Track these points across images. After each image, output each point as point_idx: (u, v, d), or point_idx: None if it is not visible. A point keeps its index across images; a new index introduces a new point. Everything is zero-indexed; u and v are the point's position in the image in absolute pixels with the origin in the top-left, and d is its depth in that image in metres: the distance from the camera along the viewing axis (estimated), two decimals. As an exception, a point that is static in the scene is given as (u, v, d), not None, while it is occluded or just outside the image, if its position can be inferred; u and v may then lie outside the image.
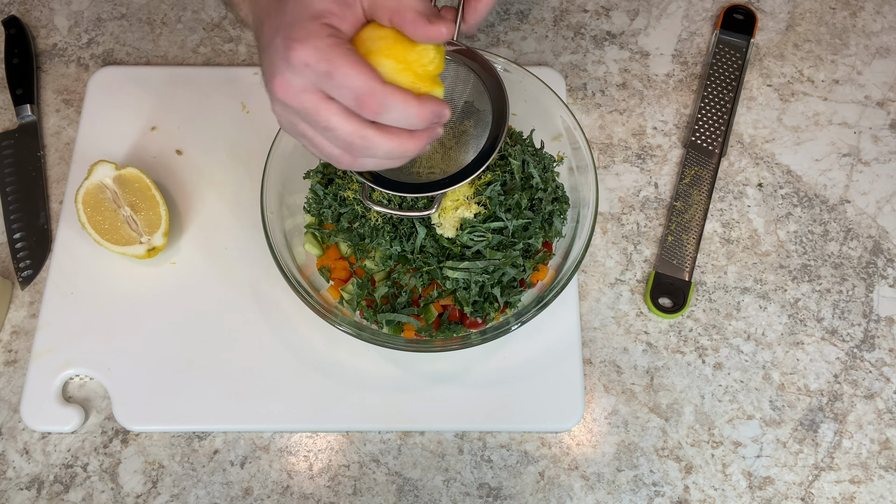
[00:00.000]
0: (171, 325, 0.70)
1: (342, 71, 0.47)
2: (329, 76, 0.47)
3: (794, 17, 0.86)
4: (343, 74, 0.47)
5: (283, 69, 0.47)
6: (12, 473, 0.66)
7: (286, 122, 0.51)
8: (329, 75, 0.47)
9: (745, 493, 0.66)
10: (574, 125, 0.69)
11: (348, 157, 0.51)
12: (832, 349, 0.71)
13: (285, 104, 0.49)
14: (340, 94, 0.47)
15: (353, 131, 0.48)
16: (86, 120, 0.79)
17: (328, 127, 0.48)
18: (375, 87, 0.47)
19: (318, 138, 0.50)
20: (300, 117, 0.49)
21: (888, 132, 0.80)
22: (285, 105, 0.49)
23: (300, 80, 0.47)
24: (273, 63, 0.48)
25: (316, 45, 0.47)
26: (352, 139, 0.49)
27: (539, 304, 0.64)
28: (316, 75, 0.47)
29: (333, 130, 0.48)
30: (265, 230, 0.65)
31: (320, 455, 0.67)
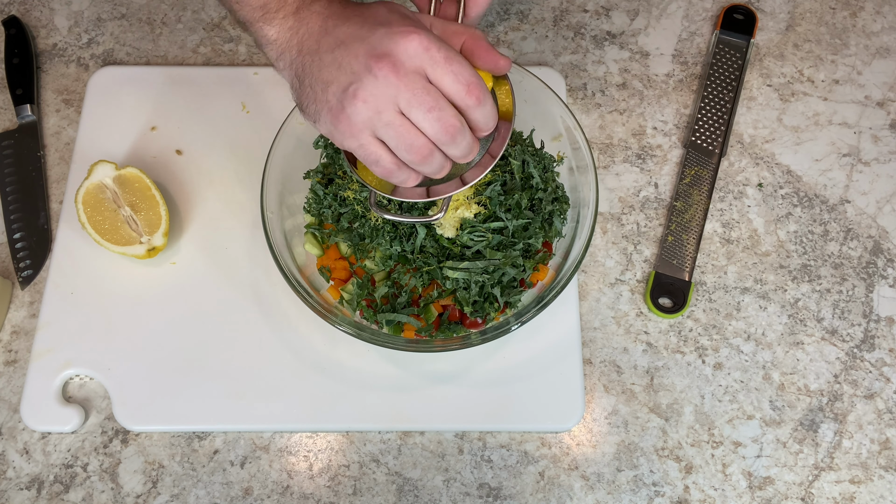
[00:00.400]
0: (171, 325, 0.70)
1: (458, 59, 0.51)
2: (448, 61, 0.50)
3: (794, 17, 0.86)
4: (459, 62, 0.51)
5: (395, 51, 0.50)
6: (12, 473, 0.66)
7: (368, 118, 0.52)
8: (448, 60, 0.50)
9: (745, 493, 0.66)
10: (574, 125, 0.69)
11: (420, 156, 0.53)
12: (832, 349, 0.71)
13: (392, 84, 0.50)
14: (453, 79, 0.51)
15: (457, 115, 0.52)
16: (86, 120, 0.79)
17: (436, 107, 0.51)
18: (479, 79, 0.52)
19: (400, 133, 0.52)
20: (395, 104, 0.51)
21: (888, 132, 0.80)
22: (387, 87, 0.50)
23: (412, 62, 0.50)
24: (377, 47, 0.50)
25: (430, 36, 0.51)
26: (454, 122, 0.52)
27: (539, 304, 0.64)
28: (431, 60, 0.50)
29: (441, 111, 0.51)
30: (265, 230, 0.65)
31: (320, 455, 0.67)
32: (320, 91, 0.53)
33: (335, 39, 0.52)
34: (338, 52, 0.51)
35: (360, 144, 0.53)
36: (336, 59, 0.51)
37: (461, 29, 0.55)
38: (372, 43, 0.50)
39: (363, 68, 0.50)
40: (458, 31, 0.55)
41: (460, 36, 0.55)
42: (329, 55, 0.52)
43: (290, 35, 0.55)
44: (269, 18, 0.55)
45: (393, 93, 0.51)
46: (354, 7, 0.54)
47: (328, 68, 0.52)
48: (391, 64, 0.50)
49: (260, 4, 0.55)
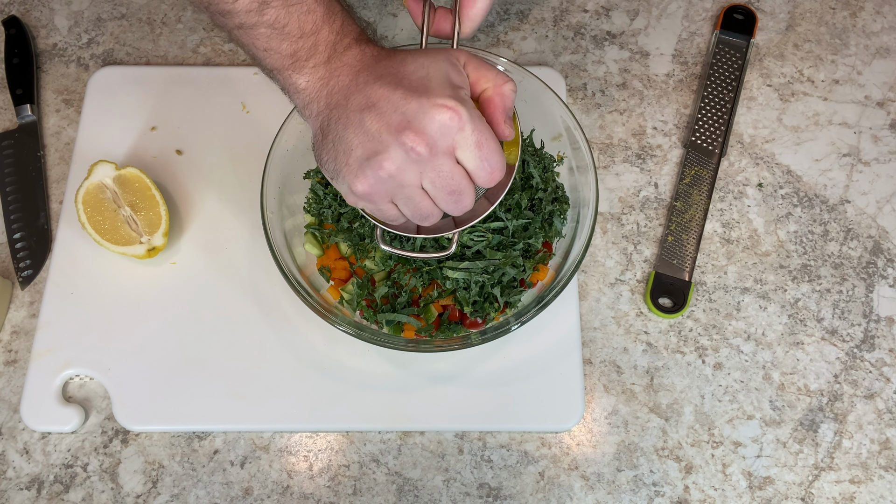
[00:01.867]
0: (171, 325, 0.70)
1: (491, 146, 0.51)
2: (479, 146, 0.50)
3: (794, 17, 0.86)
4: (489, 147, 0.51)
5: (429, 128, 0.49)
6: (12, 473, 0.66)
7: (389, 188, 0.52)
8: (479, 146, 0.50)
9: (745, 493, 0.66)
10: (574, 125, 0.69)
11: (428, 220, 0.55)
12: (832, 349, 0.71)
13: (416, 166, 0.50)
14: (480, 165, 0.51)
15: (471, 196, 0.53)
16: (86, 120, 0.79)
17: (457, 191, 0.52)
18: (504, 164, 0.53)
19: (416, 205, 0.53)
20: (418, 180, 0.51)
21: (888, 132, 0.80)
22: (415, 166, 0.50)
23: (445, 141, 0.50)
24: (412, 121, 0.49)
25: (472, 113, 0.50)
26: (468, 204, 0.53)
27: (539, 304, 0.64)
28: (464, 142, 0.50)
29: (460, 195, 0.52)
30: (265, 230, 0.65)
31: (320, 455, 0.67)
32: (342, 152, 0.52)
33: (365, 99, 0.50)
34: (367, 116, 0.50)
35: (375, 207, 0.54)
36: (363, 121, 0.50)
37: (492, 76, 0.54)
38: (406, 115, 0.49)
39: (393, 140, 0.49)
40: (487, 76, 0.54)
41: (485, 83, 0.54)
42: (357, 115, 0.50)
43: (321, 86, 0.53)
44: (300, 67, 0.53)
45: (420, 170, 0.51)
46: (387, 62, 0.52)
47: (354, 130, 0.51)
48: (424, 143, 0.49)
49: (290, 52, 0.52)
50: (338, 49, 0.53)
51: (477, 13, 0.59)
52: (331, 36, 0.53)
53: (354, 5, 0.87)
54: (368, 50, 0.53)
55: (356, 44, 0.53)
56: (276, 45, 0.52)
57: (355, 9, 0.86)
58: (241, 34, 0.54)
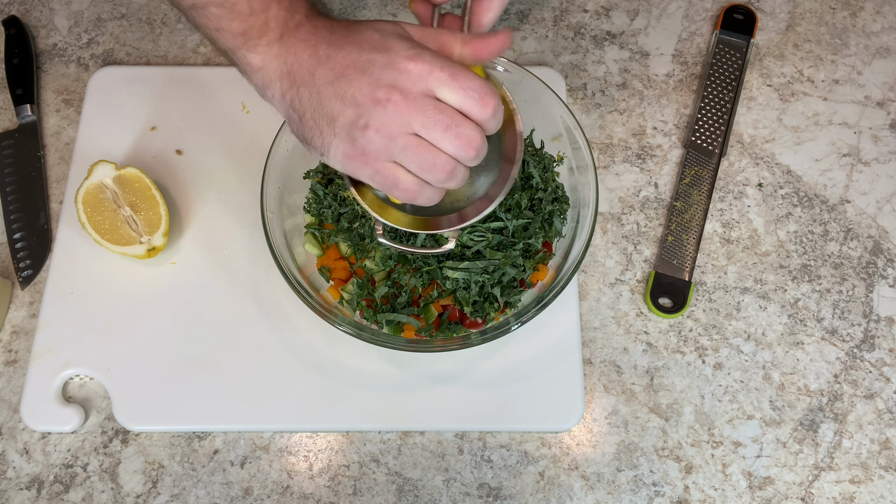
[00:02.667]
0: (171, 326, 0.70)
1: (466, 73, 0.50)
2: (454, 77, 0.50)
3: (794, 17, 0.86)
4: (465, 75, 0.50)
5: (399, 80, 0.49)
6: (12, 473, 0.66)
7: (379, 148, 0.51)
8: (454, 76, 0.50)
9: (745, 493, 0.66)
10: (574, 125, 0.69)
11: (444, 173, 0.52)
12: (832, 349, 0.71)
13: (401, 112, 0.50)
14: (464, 94, 0.50)
15: (476, 128, 0.51)
16: (86, 120, 0.79)
17: (453, 123, 0.51)
18: (490, 86, 0.51)
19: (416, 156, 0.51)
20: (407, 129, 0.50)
21: (888, 132, 0.80)
22: (397, 115, 0.50)
23: (418, 86, 0.50)
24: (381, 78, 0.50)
25: (430, 56, 0.50)
26: (474, 135, 0.51)
27: (539, 304, 0.64)
28: (438, 80, 0.50)
29: (458, 126, 0.51)
30: (265, 230, 0.65)
31: (320, 455, 0.67)
32: (326, 126, 0.52)
33: (332, 71, 0.51)
34: (338, 85, 0.50)
35: (375, 171, 0.53)
36: (338, 92, 0.50)
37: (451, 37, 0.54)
38: (374, 74, 0.50)
39: (369, 100, 0.50)
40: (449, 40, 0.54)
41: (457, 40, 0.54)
42: (329, 88, 0.51)
43: (278, 64, 0.53)
44: (253, 46, 0.53)
45: (405, 119, 0.50)
46: (343, 32, 0.53)
47: (330, 102, 0.51)
48: (398, 92, 0.50)
49: (241, 31, 0.53)
50: (290, 25, 0.53)
51: (488, 21, 0.59)
52: (281, 12, 0.53)
53: (354, 5, 0.87)
54: (321, 23, 0.53)
55: (307, 19, 0.53)
56: (226, 24, 0.53)
57: (354, 9, 0.86)
58: (195, 14, 0.54)
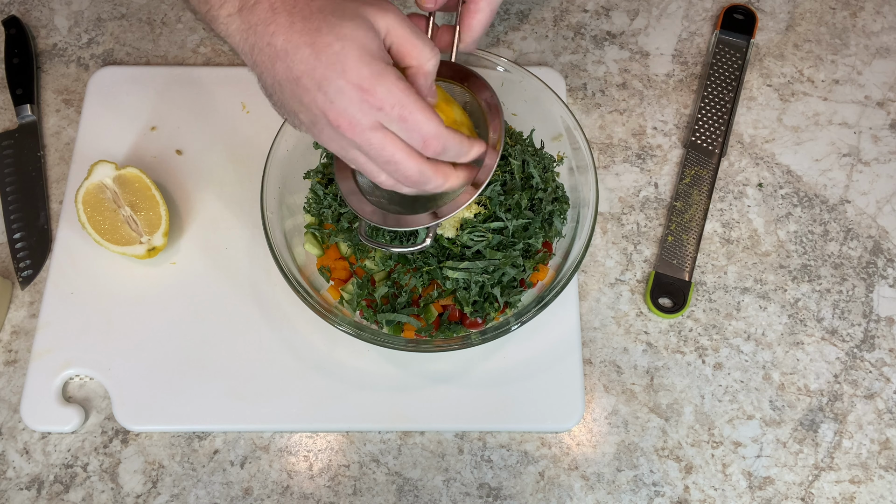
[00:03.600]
0: (171, 325, 0.70)
1: (416, 117, 0.51)
2: (403, 120, 0.50)
3: (794, 17, 0.86)
4: (416, 121, 0.51)
5: (350, 109, 0.50)
6: (12, 473, 0.66)
7: (338, 148, 0.53)
8: (403, 119, 0.50)
9: (745, 493, 0.66)
10: (574, 125, 0.69)
11: (391, 181, 0.55)
12: (832, 349, 0.71)
13: (350, 140, 0.51)
14: (409, 137, 0.51)
15: (416, 167, 0.53)
16: (86, 120, 0.79)
17: (392, 161, 0.52)
18: (441, 131, 0.52)
19: (371, 165, 0.54)
20: (359, 150, 0.52)
21: (888, 132, 0.80)
22: (348, 140, 0.51)
23: (368, 119, 0.50)
24: (334, 102, 0.50)
25: (390, 89, 0.50)
26: (411, 174, 0.53)
27: (539, 304, 0.64)
28: (387, 118, 0.50)
29: (397, 164, 0.52)
30: (265, 230, 0.65)
31: (320, 455, 0.67)
32: (290, 114, 0.53)
33: (290, 73, 0.50)
34: (296, 89, 0.50)
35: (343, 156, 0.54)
36: (295, 94, 0.51)
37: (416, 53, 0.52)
38: (328, 96, 0.49)
39: (322, 117, 0.51)
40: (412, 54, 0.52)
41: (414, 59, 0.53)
42: (288, 87, 0.51)
43: (241, 40, 0.52)
44: (213, 17, 0.53)
45: (352, 144, 0.52)
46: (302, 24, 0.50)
47: (290, 100, 0.51)
48: (348, 122, 0.50)
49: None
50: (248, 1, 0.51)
51: (478, 24, 0.59)
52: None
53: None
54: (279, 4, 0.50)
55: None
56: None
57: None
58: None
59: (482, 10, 0.59)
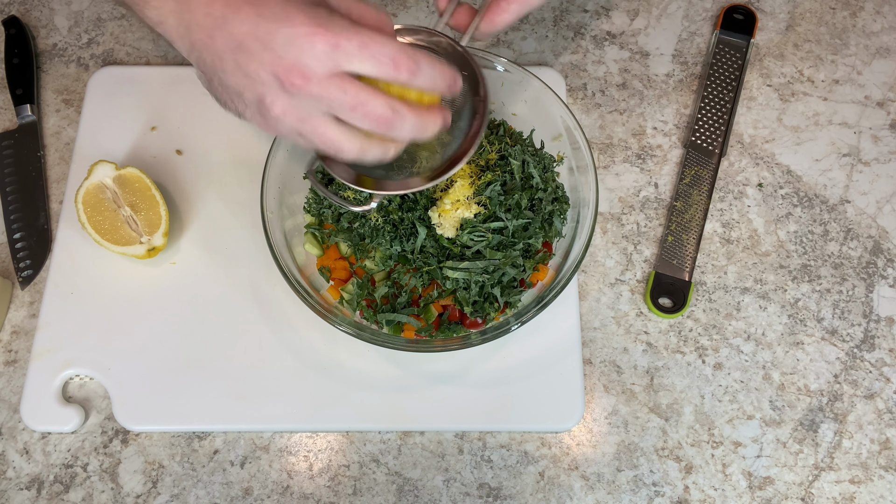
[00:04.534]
0: (171, 326, 0.70)
1: (376, 40, 0.47)
2: (363, 47, 0.47)
3: (794, 17, 0.86)
4: (374, 42, 0.47)
5: (302, 59, 0.46)
6: (12, 473, 0.66)
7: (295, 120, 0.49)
8: (364, 46, 0.47)
9: (745, 493, 0.66)
10: (574, 125, 0.69)
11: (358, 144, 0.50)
12: (832, 349, 0.71)
13: (307, 99, 0.48)
14: (375, 63, 0.47)
15: (385, 102, 0.49)
16: (86, 120, 0.79)
17: (357, 103, 0.48)
18: (406, 48, 0.48)
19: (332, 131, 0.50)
20: (317, 112, 0.48)
21: (888, 132, 0.80)
22: (305, 100, 0.48)
23: (324, 66, 0.47)
24: (284, 56, 0.47)
25: (342, 23, 0.47)
26: (383, 111, 0.49)
27: (539, 304, 0.64)
28: (346, 55, 0.47)
29: (364, 105, 0.48)
30: (265, 230, 0.65)
31: (320, 455, 0.67)
32: (235, 95, 0.49)
33: (231, 40, 0.47)
34: (240, 58, 0.47)
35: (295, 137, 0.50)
36: (239, 64, 0.48)
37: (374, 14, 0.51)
38: (276, 51, 0.46)
39: (272, 80, 0.47)
40: (368, 14, 0.51)
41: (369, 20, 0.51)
42: (230, 58, 0.48)
43: (175, 21, 0.49)
44: (145, 2, 0.50)
45: (311, 103, 0.48)
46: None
47: (233, 75, 0.48)
48: (301, 75, 0.47)
49: None
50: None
51: (501, 22, 0.58)
52: None
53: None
54: None
55: None
56: None
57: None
58: None
59: (511, 12, 0.57)
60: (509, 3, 0.57)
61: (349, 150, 0.51)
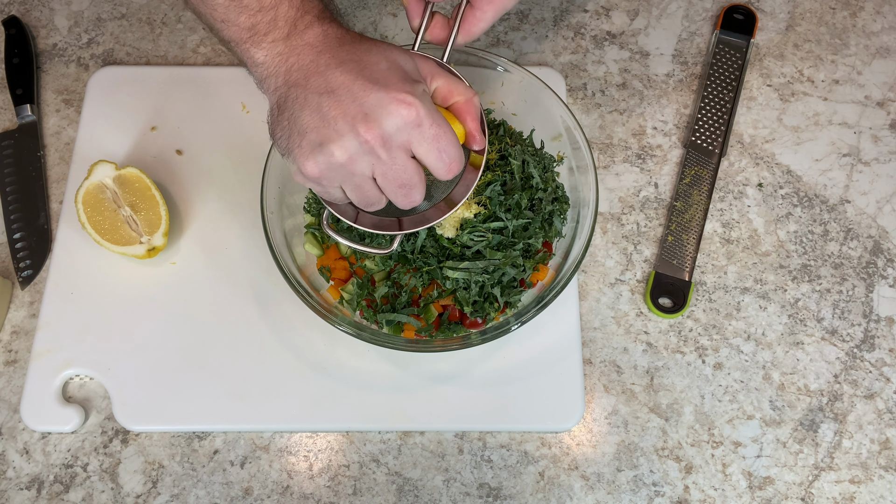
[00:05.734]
0: (171, 325, 0.70)
1: (448, 138, 0.52)
2: (436, 139, 0.51)
3: (794, 17, 0.86)
4: (447, 139, 0.52)
5: (385, 122, 0.49)
6: (12, 473, 0.66)
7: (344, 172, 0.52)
8: (436, 138, 0.51)
9: (745, 493, 0.66)
10: (574, 125, 0.69)
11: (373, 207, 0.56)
12: (832, 349, 0.71)
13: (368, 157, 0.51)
14: (437, 157, 0.52)
15: (422, 190, 0.54)
16: (86, 120, 0.79)
17: (408, 185, 0.53)
18: (461, 156, 0.53)
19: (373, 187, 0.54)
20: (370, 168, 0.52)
21: (888, 132, 0.80)
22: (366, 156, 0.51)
23: (400, 137, 0.50)
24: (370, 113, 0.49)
25: (429, 108, 0.50)
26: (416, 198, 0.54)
27: (539, 304, 0.64)
28: (421, 137, 0.51)
29: (410, 189, 0.53)
30: (265, 230, 0.65)
31: (320, 455, 0.67)
32: (296, 133, 0.51)
33: (325, 84, 0.50)
34: (325, 100, 0.50)
35: (323, 190, 0.55)
36: (321, 106, 0.50)
37: (462, 89, 0.55)
38: (364, 107, 0.49)
39: (349, 130, 0.50)
40: (458, 90, 0.55)
41: (458, 96, 0.55)
42: (315, 98, 0.50)
43: (279, 61, 0.52)
44: (258, 41, 0.53)
45: (372, 161, 0.51)
46: (350, 47, 0.52)
47: (310, 113, 0.50)
48: (379, 137, 0.50)
49: (248, 26, 0.52)
50: (298, 26, 0.52)
51: (477, 30, 0.60)
52: (291, 11, 0.52)
53: (354, 5, 0.87)
54: (331, 30, 0.53)
55: (318, 22, 0.53)
56: (233, 17, 0.52)
57: (354, 8, 0.86)
58: (198, 3, 0.53)
59: (485, 20, 0.59)
60: (484, 11, 0.59)
61: (378, 205, 0.56)
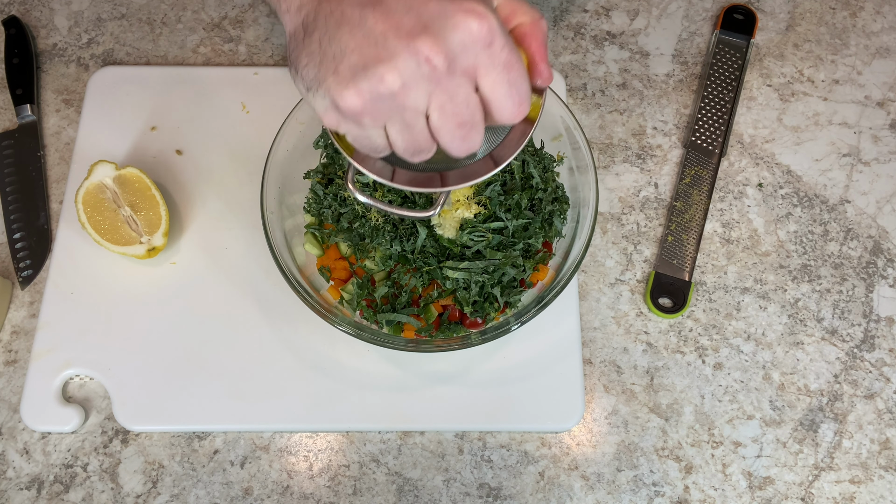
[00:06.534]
0: (171, 325, 0.70)
1: (520, 69, 0.43)
2: (508, 68, 0.42)
3: (794, 17, 0.86)
4: (518, 70, 0.42)
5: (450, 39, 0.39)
6: (12, 473, 0.66)
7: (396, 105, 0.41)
8: (509, 66, 0.42)
9: (745, 493, 0.66)
10: (574, 125, 0.69)
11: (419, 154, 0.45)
12: (832, 349, 0.71)
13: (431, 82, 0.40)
14: (507, 92, 0.42)
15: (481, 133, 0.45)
16: (86, 120, 0.79)
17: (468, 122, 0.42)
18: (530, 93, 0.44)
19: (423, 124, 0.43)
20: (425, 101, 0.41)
21: (888, 132, 0.80)
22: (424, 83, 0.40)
23: (468, 58, 0.40)
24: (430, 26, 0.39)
25: (494, 20, 0.40)
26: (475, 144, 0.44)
27: (539, 304, 0.64)
28: (490, 61, 0.41)
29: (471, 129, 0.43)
30: (265, 230, 0.65)
31: (320, 455, 0.67)
32: (331, 56, 0.41)
33: None
34: (369, 13, 0.40)
35: (361, 133, 0.43)
36: (365, 19, 0.40)
37: (527, 8, 0.45)
38: (423, 18, 0.39)
39: (404, 47, 0.39)
40: (523, 8, 0.45)
41: (521, 16, 0.45)
42: (356, 11, 0.40)
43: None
44: None
45: (430, 90, 0.41)
46: None
47: (350, 29, 0.40)
48: (443, 55, 0.39)
49: None
50: None
51: None
52: None
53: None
54: None
55: None
56: None
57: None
58: None
59: None
60: None
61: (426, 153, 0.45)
